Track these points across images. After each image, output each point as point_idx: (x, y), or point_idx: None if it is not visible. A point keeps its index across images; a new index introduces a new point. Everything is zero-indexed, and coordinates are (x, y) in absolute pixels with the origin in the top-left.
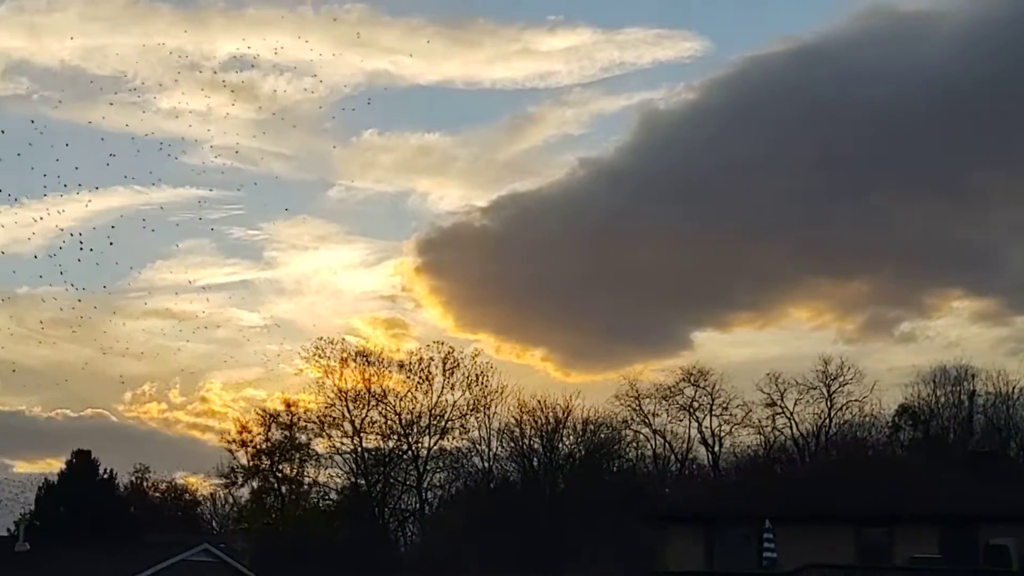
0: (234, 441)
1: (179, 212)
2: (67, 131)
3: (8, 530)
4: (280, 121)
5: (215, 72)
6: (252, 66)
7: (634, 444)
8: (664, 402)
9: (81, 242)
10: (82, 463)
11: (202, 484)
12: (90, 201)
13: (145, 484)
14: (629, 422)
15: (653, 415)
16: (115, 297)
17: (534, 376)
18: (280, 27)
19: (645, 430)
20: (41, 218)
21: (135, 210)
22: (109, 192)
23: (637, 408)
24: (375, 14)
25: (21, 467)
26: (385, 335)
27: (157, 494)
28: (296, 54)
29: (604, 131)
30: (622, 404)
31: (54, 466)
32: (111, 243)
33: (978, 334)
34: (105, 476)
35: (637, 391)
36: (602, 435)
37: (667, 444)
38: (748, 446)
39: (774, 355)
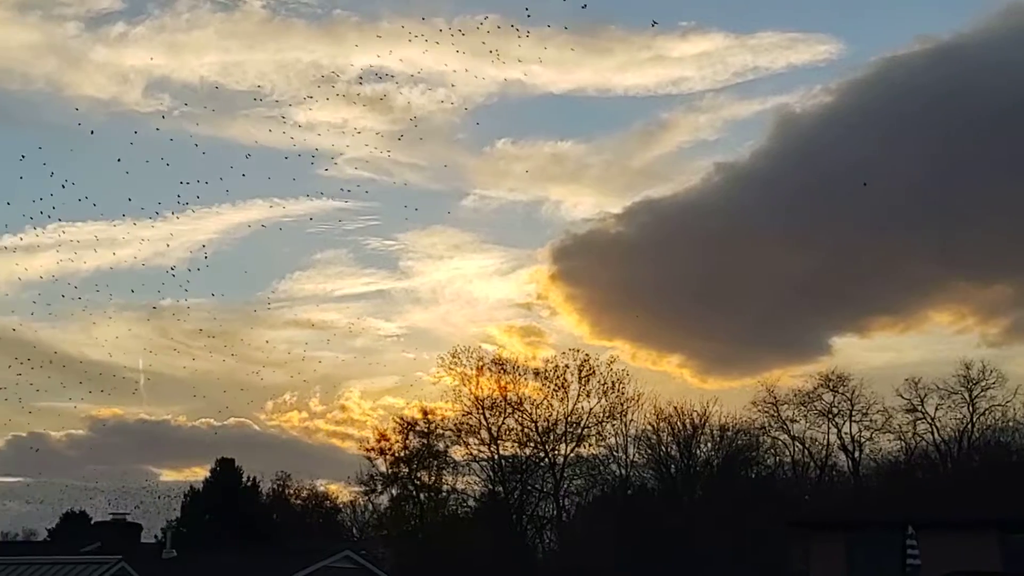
0: (373, 449)
1: (317, 223)
2: (207, 146)
3: (155, 537)
4: (414, 132)
5: (350, 85)
6: (386, 78)
7: (772, 451)
8: (802, 408)
9: (222, 254)
10: (226, 471)
11: (342, 491)
12: (230, 214)
13: (287, 491)
14: (767, 428)
15: (791, 421)
16: (256, 308)
17: (671, 383)
18: (414, 39)
19: (783, 436)
20: (183, 231)
21: (274, 222)
22: (248, 205)
23: (775, 414)
24: (507, 23)
25: (167, 475)
26: (521, 343)
27: (299, 501)
28: (429, 65)
29: (738, 136)
30: (760, 410)
31: (199, 474)
32: (251, 255)
33: None
34: (248, 484)
35: (775, 397)
36: (740, 442)
37: (806, 450)
38: (889, 452)
39: (914, 360)
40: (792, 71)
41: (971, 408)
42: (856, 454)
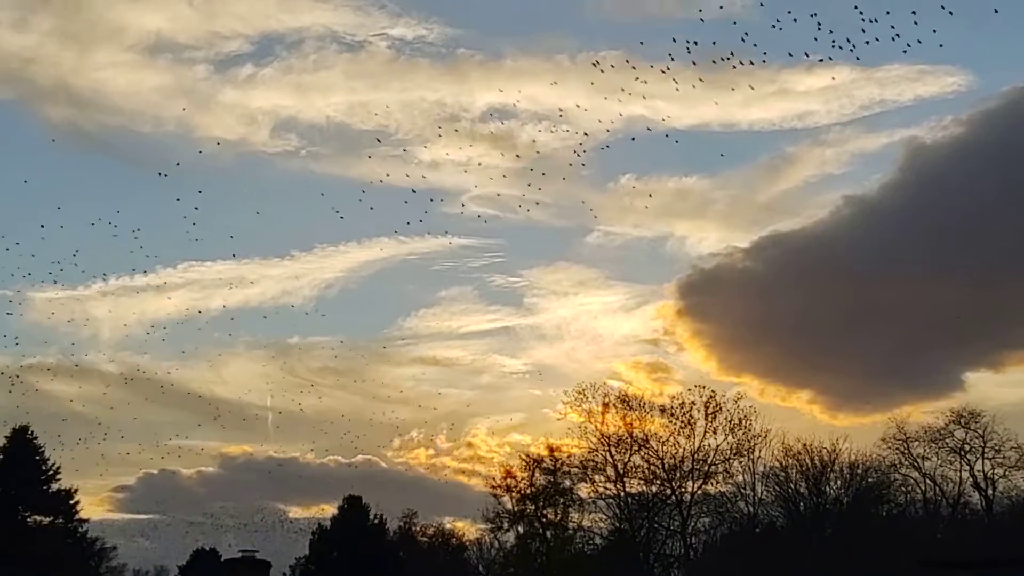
0: (499, 486)
1: (441, 260)
2: (333, 184)
3: (284, 574)
4: (538, 169)
5: (474, 123)
6: (510, 116)
7: (903, 488)
8: (933, 445)
9: (348, 292)
10: (353, 508)
11: (469, 528)
12: (356, 252)
13: (413, 529)
14: (897, 466)
15: (922, 458)
16: (381, 345)
17: (800, 419)
18: (537, 76)
19: (914, 474)
20: (310, 270)
21: (399, 260)
22: (373, 243)
23: (905, 451)
24: (631, 59)
25: (295, 512)
26: (648, 379)
27: (425, 539)
28: (553, 102)
29: (866, 169)
30: (889, 447)
31: (327, 511)
32: (376, 293)
33: None
34: (375, 521)
35: (905, 434)
36: (870, 479)
37: (937, 488)
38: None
39: None
40: (920, 103)
41: None
42: (989, 492)
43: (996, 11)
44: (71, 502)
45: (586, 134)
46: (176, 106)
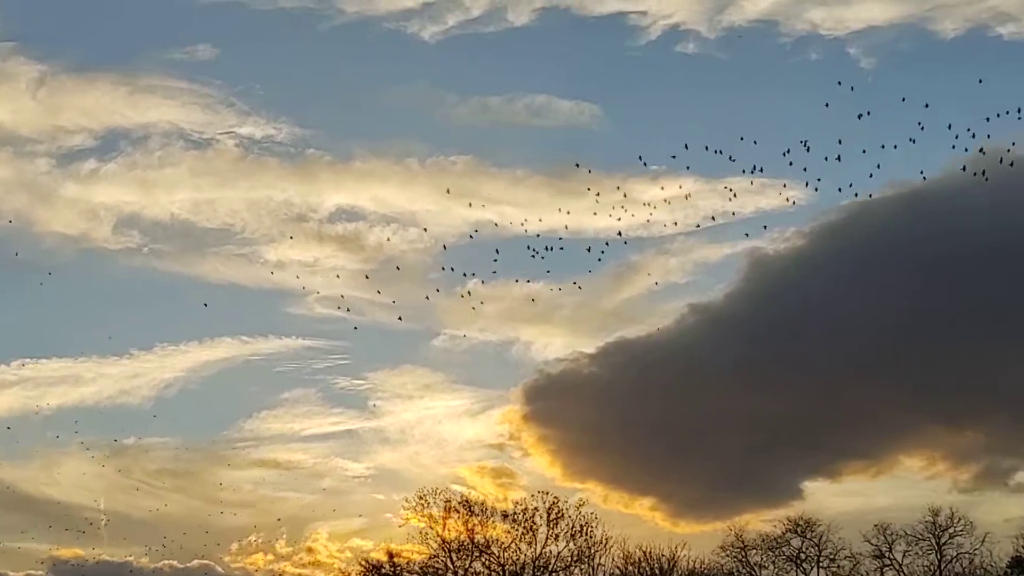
0: None
1: (285, 362)
2: (176, 283)
3: None
4: (386, 271)
5: (322, 224)
6: (359, 218)
7: None
8: (771, 553)
9: (188, 393)
10: None
11: None
12: (197, 352)
13: None
14: (736, 574)
15: (760, 567)
16: (222, 447)
17: (642, 526)
18: (386, 179)
19: None
20: (149, 369)
21: (242, 360)
22: (216, 343)
23: (743, 559)
24: (480, 165)
25: None
26: (492, 484)
27: None
28: (402, 205)
29: (710, 278)
30: (728, 555)
31: None
32: (217, 394)
33: None
34: None
35: (743, 542)
36: None
37: None
38: None
39: (883, 505)
40: (762, 215)
41: (939, 555)
42: None
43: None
44: None
45: (435, 238)
46: (16, 200)
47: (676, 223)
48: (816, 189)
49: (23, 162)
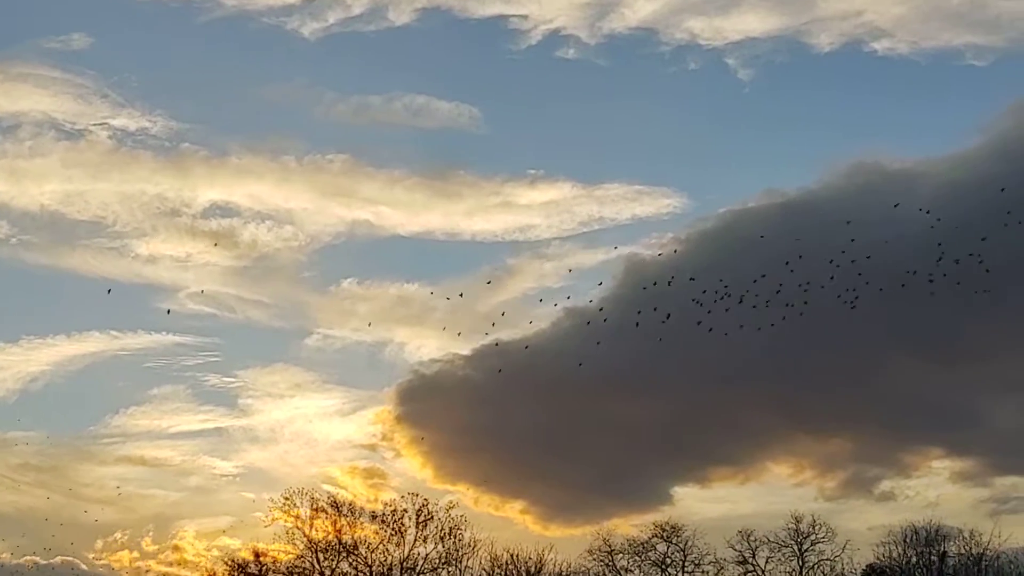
0: None
1: (154, 358)
2: (44, 275)
3: None
4: (259, 269)
5: (195, 219)
6: (233, 214)
7: None
8: (637, 557)
9: (54, 387)
10: None
11: None
12: (65, 346)
13: None
14: None
15: (626, 571)
16: (87, 443)
17: (512, 529)
18: (262, 176)
19: None
20: (14, 362)
21: (110, 355)
22: (84, 337)
23: (610, 563)
24: (357, 165)
25: None
26: (363, 485)
27: None
28: (277, 203)
29: (584, 284)
30: (595, 559)
31: None
32: (84, 388)
33: (957, 494)
34: None
35: (610, 546)
36: None
37: None
38: None
39: (749, 511)
40: (637, 223)
41: (801, 561)
42: None
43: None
44: None
45: (310, 236)
46: None
47: (552, 227)
48: (692, 197)
49: None
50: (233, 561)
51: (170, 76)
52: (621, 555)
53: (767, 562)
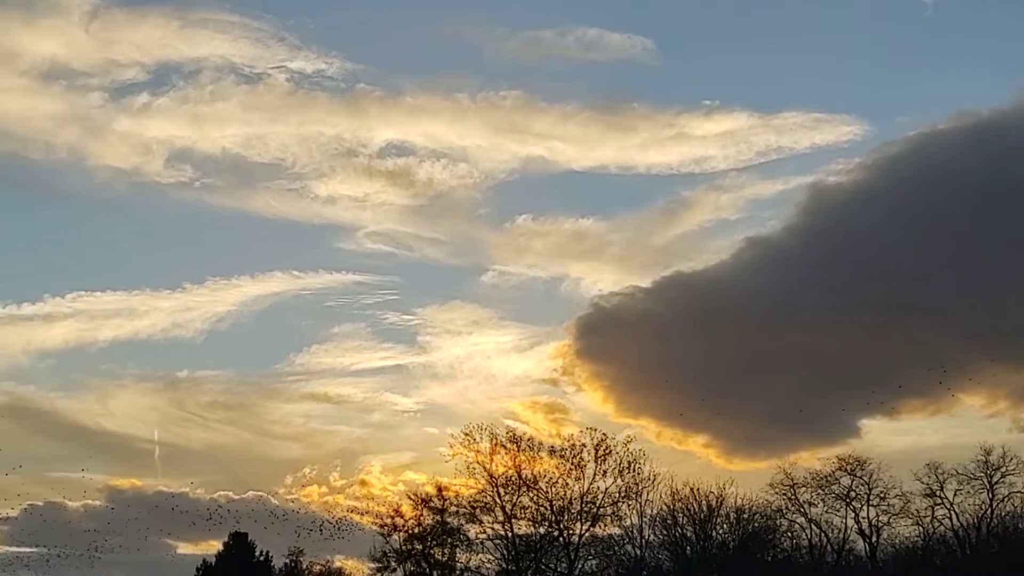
0: (386, 525)
1: (335, 297)
2: (227, 218)
3: None
4: (435, 207)
5: (372, 159)
6: (408, 153)
7: (789, 534)
8: (820, 491)
9: (239, 326)
10: (238, 545)
11: (358, 567)
12: (249, 286)
13: (299, 567)
14: (784, 511)
15: (809, 504)
16: (273, 381)
17: (695, 463)
18: (436, 114)
19: (800, 519)
20: (201, 303)
21: (292, 295)
22: (267, 277)
23: (792, 497)
24: (531, 100)
25: (184, 548)
26: (545, 420)
27: None
28: (452, 140)
29: (763, 214)
30: (777, 492)
31: (215, 548)
32: (268, 327)
33: None
34: (261, 558)
35: (792, 479)
36: (756, 524)
37: (823, 534)
38: (907, 537)
39: (937, 443)
40: (817, 151)
41: (991, 494)
42: (874, 539)
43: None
44: None
45: (484, 173)
46: (69, 134)
47: (728, 158)
48: (874, 123)
49: (76, 96)
50: (416, 495)
51: (345, 18)
52: (804, 488)
53: (955, 495)
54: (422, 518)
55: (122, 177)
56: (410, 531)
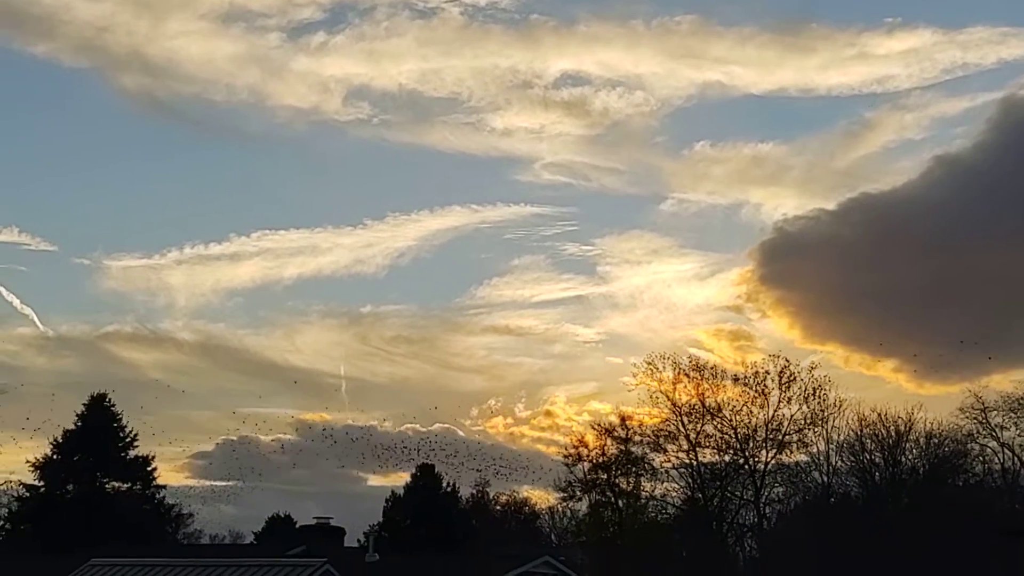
0: (571, 455)
1: (514, 229)
2: (405, 153)
3: (358, 541)
4: (612, 136)
5: (547, 90)
6: (584, 83)
7: (981, 458)
8: (1012, 414)
9: (420, 261)
10: (426, 476)
11: (543, 497)
12: (428, 221)
13: (486, 498)
14: (975, 436)
15: (1001, 428)
16: (455, 314)
17: (884, 388)
18: (611, 42)
19: (992, 444)
20: (382, 239)
21: (472, 228)
22: (446, 211)
23: (983, 421)
24: (706, 24)
25: (373, 480)
26: (730, 347)
27: (498, 507)
28: (627, 68)
29: (947, 135)
30: (967, 417)
31: (403, 479)
32: (449, 261)
33: None
34: (448, 489)
35: (983, 403)
36: (947, 449)
37: (1016, 458)
38: None
39: None
40: (1005, 66)
41: None
42: None
43: None
44: (148, 468)
45: (660, 100)
46: (249, 75)
47: (912, 77)
48: None
49: (255, 37)
50: (600, 425)
51: None
52: (996, 412)
53: None
54: (606, 448)
55: (301, 116)
56: (595, 461)
